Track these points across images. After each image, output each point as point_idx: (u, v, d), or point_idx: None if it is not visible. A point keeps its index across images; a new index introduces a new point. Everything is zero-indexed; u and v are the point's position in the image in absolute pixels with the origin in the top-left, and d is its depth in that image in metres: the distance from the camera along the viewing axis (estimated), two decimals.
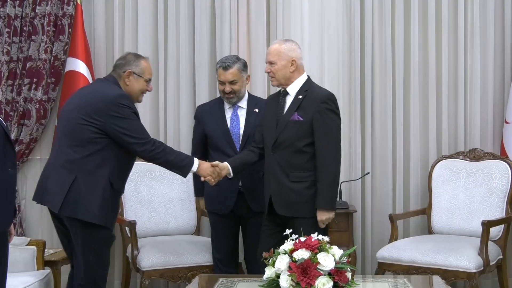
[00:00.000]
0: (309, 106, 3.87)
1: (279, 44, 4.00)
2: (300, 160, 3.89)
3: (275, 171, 3.93)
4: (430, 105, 5.37)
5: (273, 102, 4.13)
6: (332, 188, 3.87)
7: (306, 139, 3.87)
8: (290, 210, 3.90)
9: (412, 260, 4.51)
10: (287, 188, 3.89)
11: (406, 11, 5.38)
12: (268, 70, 3.97)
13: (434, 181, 5.13)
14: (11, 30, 5.39)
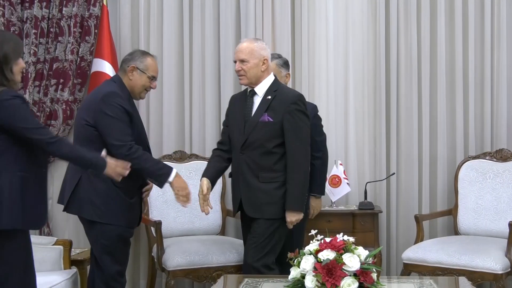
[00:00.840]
0: (279, 107, 3.85)
1: (250, 43, 3.96)
2: (269, 161, 3.87)
3: (244, 172, 3.90)
4: (457, 105, 5.33)
5: (239, 102, 4.09)
6: (302, 189, 3.87)
7: (276, 140, 3.85)
8: (259, 212, 3.89)
9: (438, 261, 4.48)
10: (256, 189, 3.88)
11: (432, 9, 5.35)
12: (239, 68, 3.90)
13: (461, 181, 5.09)
14: (38, 32, 5.45)
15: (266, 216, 3.85)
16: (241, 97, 4.12)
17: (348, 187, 5.04)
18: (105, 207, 3.93)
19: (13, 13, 5.47)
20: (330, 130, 5.37)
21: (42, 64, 5.45)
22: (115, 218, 3.95)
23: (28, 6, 5.47)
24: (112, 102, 3.82)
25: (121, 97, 3.91)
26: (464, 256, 4.41)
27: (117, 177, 3.58)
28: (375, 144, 5.43)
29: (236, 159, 3.96)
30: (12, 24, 5.46)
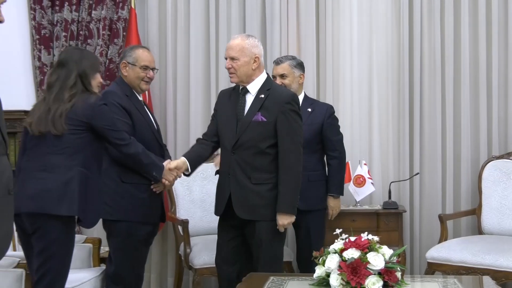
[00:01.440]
0: (273, 106, 3.72)
1: (241, 40, 3.83)
2: (262, 162, 3.74)
3: (235, 172, 3.74)
4: (481, 105, 5.30)
5: (230, 99, 3.96)
6: (294, 191, 3.74)
7: (270, 140, 3.72)
8: (250, 213, 3.74)
9: (462, 261, 4.45)
10: (248, 190, 3.72)
11: (456, 10, 5.32)
12: (229, 66, 3.78)
13: (484, 181, 5.07)
14: (68, 34, 5.55)
15: (262, 218, 3.73)
16: (232, 94, 3.97)
17: (372, 186, 5.04)
18: (114, 204, 3.96)
19: (43, 16, 5.59)
20: (354, 130, 5.44)
21: None
22: (124, 215, 3.97)
23: (58, 9, 5.57)
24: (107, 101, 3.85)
25: (117, 95, 4.01)
26: (488, 256, 4.38)
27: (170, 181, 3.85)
28: (399, 144, 5.42)
29: (227, 158, 3.81)
30: (43, 27, 5.57)
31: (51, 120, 3.39)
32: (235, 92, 3.93)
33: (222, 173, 3.87)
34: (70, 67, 3.61)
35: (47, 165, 3.42)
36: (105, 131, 3.53)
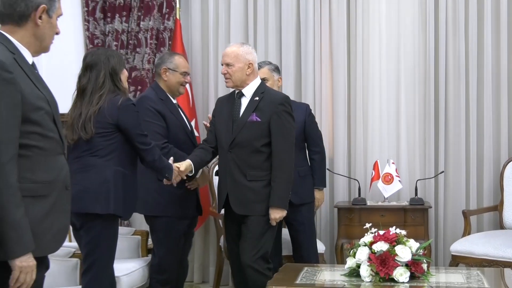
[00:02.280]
0: (267, 107, 3.72)
1: (236, 47, 3.83)
2: (257, 160, 3.72)
3: (231, 170, 3.74)
4: (502, 107, 5.29)
5: (226, 104, 3.94)
6: (286, 187, 3.73)
7: (264, 139, 3.72)
8: (246, 209, 3.73)
9: (484, 254, 4.48)
10: (244, 187, 3.72)
11: (479, 17, 5.31)
12: (225, 71, 3.78)
13: (506, 179, 5.09)
14: (119, 44, 5.63)
15: (254, 213, 3.72)
16: (228, 99, 3.98)
17: (399, 184, 5.06)
18: (153, 201, 4.04)
19: (96, 27, 5.67)
20: (382, 131, 5.47)
21: None
22: (163, 210, 4.04)
23: (110, 21, 5.65)
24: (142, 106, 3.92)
25: (151, 100, 4.04)
26: (509, 249, 4.40)
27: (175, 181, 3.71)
28: (425, 144, 5.43)
29: (224, 158, 3.81)
30: (96, 37, 5.66)
31: (82, 125, 3.38)
32: (231, 97, 3.94)
33: (221, 172, 3.91)
34: (99, 67, 3.55)
35: (84, 166, 3.41)
36: (129, 132, 3.48)
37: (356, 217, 5.03)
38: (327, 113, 5.55)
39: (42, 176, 2.43)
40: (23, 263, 2.26)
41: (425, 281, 3.32)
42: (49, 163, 2.46)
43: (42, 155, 2.43)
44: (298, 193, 4.44)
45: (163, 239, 4.08)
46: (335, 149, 5.51)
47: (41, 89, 2.45)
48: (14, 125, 2.30)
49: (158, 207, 4.05)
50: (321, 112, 5.48)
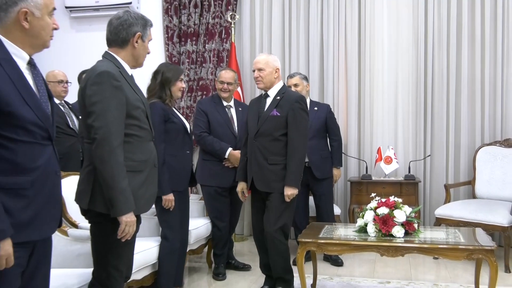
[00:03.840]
0: (285, 104, 3.48)
1: (266, 55, 3.62)
2: (276, 147, 3.47)
3: (256, 156, 3.51)
4: (476, 106, 5.24)
5: (256, 103, 3.69)
6: (298, 169, 3.46)
7: (282, 130, 3.46)
8: (268, 187, 3.49)
9: (460, 217, 4.49)
10: (265, 169, 3.47)
11: (458, 39, 5.25)
12: (257, 75, 3.53)
13: (477, 161, 5.05)
14: (190, 60, 5.70)
15: (274, 191, 3.47)
16: (257, 100, 3.72)
17: (397, 164, 5.04)
18: (199, 173, 4.15)
19: (174, 48, 5.74)
20: (384, 125, 5.46)
21: (192, 82, 5.63)
22: (205, 181, 4.14)
23: (183, 44, 5.72)
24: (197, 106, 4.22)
25: (203, 102, 4.35)
26: (480, 214, 4.41)
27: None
28: (416, 134, 5.39)
29: (251, 145, 3.56)
30: (173, 56, 5.72)
31: None
32: (259, 98, 3.71)
33: (248, 157, 3.61)
34: (157, 76, 3.54)
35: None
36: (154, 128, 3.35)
37: (364, 189, 5.04)
38: (343, 111, 5.54)
39: (139, 156, 2.47)
40: (127, 219, 2.32)
41: (416, 237, 3.33)
42: (143, 147, 2.51)
43: (139, 141, 2.48)
44: (321, 170, 4.50)
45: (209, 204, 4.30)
46: (349, 138, 5.50)
47: (138, 93, 2.52)
48: (121, 120, 2.37)
49: (202, 179, 4.19)
50: (338, 110, 5.46)
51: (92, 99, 2.32)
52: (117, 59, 2.50)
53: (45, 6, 1.93)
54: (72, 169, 3.78)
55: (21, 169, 1.87)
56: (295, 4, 5.55)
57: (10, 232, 1.81)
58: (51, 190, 1.99)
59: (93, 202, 2.38)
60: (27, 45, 1.93)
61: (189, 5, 5.67)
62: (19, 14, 1.87)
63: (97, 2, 5.75)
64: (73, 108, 4.49)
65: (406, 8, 5.38)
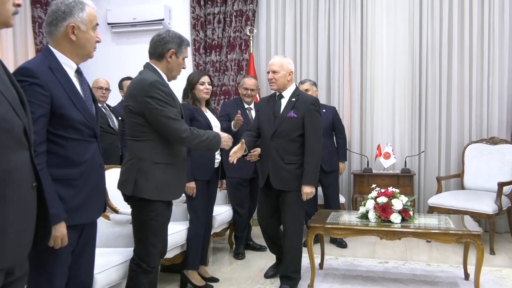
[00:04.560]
0: (301, 106, 3.19)
1: (280, 58, 3.29)
2: (293, 147, 3.20)
3: (272, 155, 3.21)
4: (465, 108, 5.18)
5: (268, 103, 3.36)
6: (316, 169, 3.19)
7: (298, 131, 3.19)
8: (283, 185, 3.21)
9: (451, 205, 4.45)
10: (281, 168, 3.19)
11: (449, 49, 5.20)
12: (271, 77, 3.24)
13: (466, 157, 5.00)
14: (214, 69, 5.70)
15: (289, 189, 3.20)
16: (269, 100, 3.39)
17: (394, 159, 5.01)
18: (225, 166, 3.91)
19: (200, 58, 5.76)
20: (383, 124, 5.41)
21: (216, 87, 5.64)
22: (229, 173, 3.98)
23: (208, 54, 5.74)
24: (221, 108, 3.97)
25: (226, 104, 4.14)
26: (468, 203, 4.37)
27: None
28: (411, 133, 5.33)
29: (266, 145, 3.26)
30: (200, 65, 5.75)
31: None
32: (272, 98, 3.37)
33: (263, 156, 3.33)
34: (187, 81, 3.55)
35: None
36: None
37: (365, 180, 5.02)
38: (347, 112, 5.52)
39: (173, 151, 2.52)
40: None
41: (411, 222, 3.32)
42: (176, 146, 2.54)
43: None
44: (328, 164, 4.51)
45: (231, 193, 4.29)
46: (352, 136, 5.47)
47: (176, 99, 2.55)
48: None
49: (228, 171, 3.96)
50: (343, 111, 5.44)
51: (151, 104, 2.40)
52: (157, 70, 2.54)
53: (89, 21, 1.95)
54: (112, 163, 3.84)
55: (71, 163, 1.92)
56: (305, 19, 5.54)
57: (64, 216, 1.86)
58: (96, 181, 2.04)
59: (136, 189, 2.43)
60: (74, 55, 1.96)
61: (213, 21, 5.69)
62: (67, 28, 1.91)
63: (134, 19, 5.80)
64: (113, 110, 4.55)
65: (402, 21, 5.33)
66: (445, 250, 4.42)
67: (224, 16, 5.65)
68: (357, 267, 3.89)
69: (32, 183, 1.43)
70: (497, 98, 5.08)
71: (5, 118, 1.32)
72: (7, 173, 1.32)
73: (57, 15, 1.91)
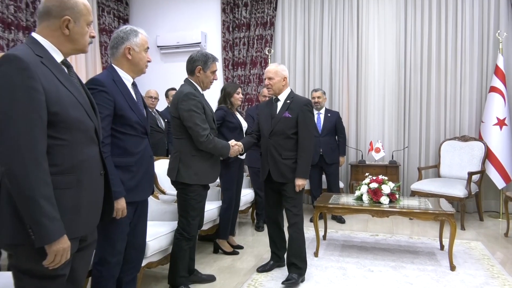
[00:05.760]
0: (295, 107, 2.82)
1: (276, 66, 2.89)
2: (289, 144, 2.82)
3: (271, 152, 2.84)
4: (441, 113, 5.05)
5: (266, 106, 2.96)
6: (307, 163, 2.80)
7: (293, 129, 2.81)
8: (283, 178, 2.82)
9: (429, 190, 4.36)
10: (280, 163, 2.82)
11: (428, 64, 5.08)
12: (268, 83, 2.86)
13: (442, 151, 4.88)
14: (239, 81, 5.64)
15: (288, 181, 2.82)
16: (267, 104, 2.98)
17: (383, 153, 4.92)
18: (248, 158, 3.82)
19: (229, 73, 5.64)
20: (375, 124, 5.31)
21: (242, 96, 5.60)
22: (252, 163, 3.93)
23: (236, 70, 5.65)
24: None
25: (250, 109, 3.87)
26: (443, 188, 4.29)
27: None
28: (397, 131, 5.22)
29: (265, 143, 2.89)
30: (228, 78, 5.62)
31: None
32: (269, 101, 2.97)
33: (263, 153, 2.93)
34: (222, 91, 3.49)
35: None
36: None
37: (360, 170, 4.95)
38: (345, 115, 5.41)
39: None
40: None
41: (397, 204, 3.28)
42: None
43: None
44: (330, 157, 4.47)
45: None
46: (350, 134, 5.39)
47: (206, 106, 2.56)
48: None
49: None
50: (342, 114, 5.32)
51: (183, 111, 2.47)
52: (192, 83, 2.60)
53: (141, 45, 2.00)
54: (160, 155, 3.90)
55: (129, 153, 1.98)
56: (312, 42, 5.47)
57: (124, 193, 1.92)
58: (147, 168, 2.09)
59: (179, 175, 2.52)
60: (130, 71, 2.01)
61: (239, 43, 5.66)
62: (125, 50, 1.97)
63: (178, 42, 5.83)
64: (161, 114, 4.62)
65: (391, 43, 5.23)
66: (424, 225, 4.35)
67: (248, 39, 5.62)
68: (353, 239, 3.86)
69: (100, 171, 1.48)
70: (467, 104, 4.95)
71: (81, 121, 1.36)
72: (82, 163, 1.37)
73: (117, 40, 1.98)
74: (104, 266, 1.95)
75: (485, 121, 4.61)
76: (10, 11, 4.04)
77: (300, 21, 5.51)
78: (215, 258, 3.38)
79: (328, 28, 5.41)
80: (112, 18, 5.70)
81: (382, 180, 3.32)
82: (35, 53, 1.29)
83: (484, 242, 3.74)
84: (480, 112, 4.92)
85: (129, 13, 6.11)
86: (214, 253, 3.49)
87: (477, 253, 3.43)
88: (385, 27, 5.24)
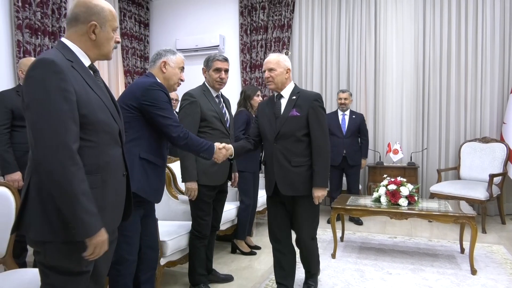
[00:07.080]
0: (304, 103, 2.32)
1: (277, 55, 2.41)
2: (299, 148, 2.32)
3: (278, 158, 2.34)
4: (461, 114, 4.95)
5: (267, 106, 2.46)
6: (326, 169, 2.32)
7: (303, 130, 2.32)
8: (292, 190, 2.33)
9: (449, 192, 4.27)
10: (289, 172, 2.32)
11: (448, 64, 4.98)
12: (268, 75, 2.38)
13: (462, 153, 4.79)
14: (257, 83, 5.59)
15: (298, 193, 2.33)
16: (268, 102, 2.48)
17: (402, 154, 4.86)
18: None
19: (247, 75, 5.64)
20: (393, 125, 5.24)
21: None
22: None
23: (253, 72, 5.65)
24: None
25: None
26: (464, 190, 4.20)
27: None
28: (416, 132, 5.14)
29: (270, 148, 2.38)
30: (246, 80, 5.63)
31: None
32: (270, 100, 2.48)
33: (267, 161, 2.42)
34: (242, 94, 3.55)
35: None
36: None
37: (378, 171, 4.92)
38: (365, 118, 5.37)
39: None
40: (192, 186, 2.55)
41: (416, 206, 3.23)
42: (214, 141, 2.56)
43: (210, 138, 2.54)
44: (353, 159, 4.48)
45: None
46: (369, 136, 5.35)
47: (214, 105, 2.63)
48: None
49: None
50: None
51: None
52: (206, 85, 2.71)
53: (177, 63, 2.21)
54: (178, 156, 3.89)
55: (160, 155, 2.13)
56: (330, 43, 5.44)
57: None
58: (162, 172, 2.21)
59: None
60: (163, 82, 2.18)
61: (257, 46, 5.66)
62: (161, 63, 2.18)
63: (196, 45, 5.88)
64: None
65: (409, 43, 5.15)
66: (444, 228, 4.26)
67: (266, 42, 5.62)
68: (371, 241, 3.81)
69: (123, 172, 1.50)
70: (488, 105, 4.83)
71: (107, 123, 1.40)
72: (107, 164, 1.40)
73: (156, 54, 2.21)
74: (123, 265, 2.02)
75: (507, 122, 4.49)
76: (37, 17, 4.15)
77: (317, 23, 5.49)
78: (232, 258, 3.39)
79: (346, 29, 5.37)
80: (133, 23, 5.80)
81: (400, 182, 3.27)
82: (66, 58, 1.33)
83: (506, 246, 3.64)
84: (501, 113, 4.80)
85: (149, 18, 6.20)
86: (232, 253, 3.51)
87: (499, 257, 3.33)
88: (403, 27, 5.17)
